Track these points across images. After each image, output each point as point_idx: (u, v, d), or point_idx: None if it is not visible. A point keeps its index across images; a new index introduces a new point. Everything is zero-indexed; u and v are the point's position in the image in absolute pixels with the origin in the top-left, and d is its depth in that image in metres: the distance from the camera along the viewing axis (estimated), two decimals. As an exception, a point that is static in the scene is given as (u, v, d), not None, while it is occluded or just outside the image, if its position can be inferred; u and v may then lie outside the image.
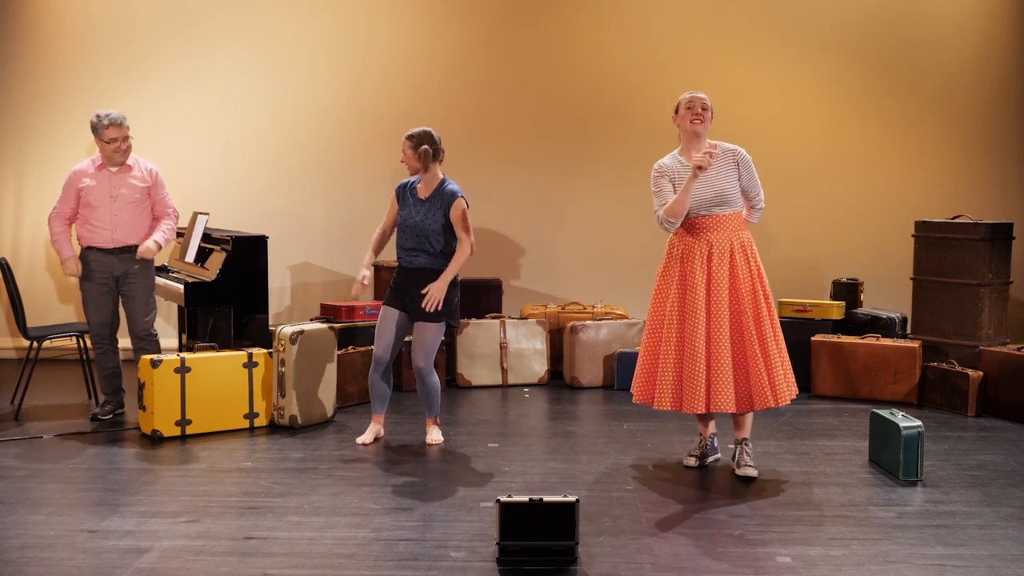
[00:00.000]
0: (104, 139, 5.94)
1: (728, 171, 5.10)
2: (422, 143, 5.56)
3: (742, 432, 5.23)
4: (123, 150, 6.00)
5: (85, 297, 6.12)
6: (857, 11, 8.08)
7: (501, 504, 3.97)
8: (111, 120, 5.92)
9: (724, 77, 7.95)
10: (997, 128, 8.10)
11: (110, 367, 6.20)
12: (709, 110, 5.13)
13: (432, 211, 5.52)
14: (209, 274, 6.80)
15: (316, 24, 8.11)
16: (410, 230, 5.54)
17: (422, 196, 5.57)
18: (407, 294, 5.56)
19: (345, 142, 8.17)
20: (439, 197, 5.54)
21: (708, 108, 5.13)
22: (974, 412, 6.46)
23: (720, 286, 5.01)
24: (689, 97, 5.15)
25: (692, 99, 5.14)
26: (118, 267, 6.07)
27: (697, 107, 5.11)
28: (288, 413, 5.98)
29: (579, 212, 8.18)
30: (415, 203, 5.57)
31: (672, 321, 5.10)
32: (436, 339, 5.55)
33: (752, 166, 5.17)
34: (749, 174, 5.15)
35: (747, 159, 5.15)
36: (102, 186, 6.01)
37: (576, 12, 8.11)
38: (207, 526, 4.39)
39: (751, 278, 5.07)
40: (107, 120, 5.92)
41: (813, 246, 8.07)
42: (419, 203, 5.56)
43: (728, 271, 5.04)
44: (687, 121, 5.11)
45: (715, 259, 5.03)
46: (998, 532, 4.37)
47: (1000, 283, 6.96)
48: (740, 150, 5.15)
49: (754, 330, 5.01)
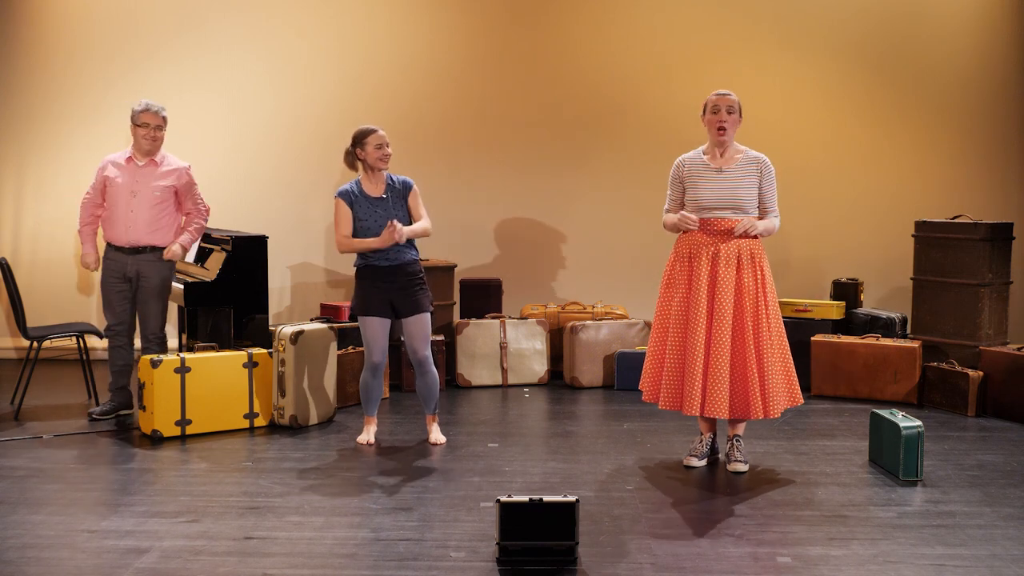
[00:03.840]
0: (138, 123, 6.00)
1: (749, 178, 5.09)
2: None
3: (735, 429, 5.28)
4: (152, 138, 6.01)
5: (102, 294, 6.17)
6: (857, 11, 8.07)
7: (501, 504, 3.97)
8: (147, 106, 6.02)
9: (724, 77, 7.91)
10: (997, 128, 8.10)
11: (120, 363, 6.18)
12: (736, 112, 5.10)
13: (393, 205, 5.52)
14: (209, 274, 6.80)
15: (316, 24, 8.10)
16: (373, 230, 5.47)
17: (375, 194, 5.54)
18: (391, 293, 5.51)
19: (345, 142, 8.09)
20: (394, 190, 5.55)
21: (735, 111, 5.10)
22: (974, 412, 6.46)
23: (724, 291, 5.01)
24: (715, 100, 5.12)
25: (717, 103, 5.10)
26: (131, 267, 6.07)
27: (723, 112, 5.08)
28: (288, 413, 5.98)
29: (579, 212, 8.18)
30: (371, 203, 5.52)
31: (677, 321, 5.11)
32: (430, 326, 5.58)
33: (774, 179, 5.16)
34: (769, 185, 5.14)
35: (770, 170, 5.15)
36: (125, 180, 6.03)
37: (576, 13, 8.11)
38: (207, 526, 4.39)
39: (755, 286, 5.05)
40: (144, 105, 6.02)
41: (813, 246, 8.07)
42: (376, 201, 5.52)
43: (734, 277, 5.04)
44: (713, 128, 5.11)
45: (721, 262, 5.03)
46: (998, 532, 4.37)
47: (1000, 283, 6.96)
48: (765, 160, 5.14)
49: (752, 339, 5.01)
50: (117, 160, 6.11)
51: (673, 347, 5.12)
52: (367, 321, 5.53)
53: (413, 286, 5.53)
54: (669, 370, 5.12)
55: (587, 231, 8.18)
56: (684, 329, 5.09)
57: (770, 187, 5.16)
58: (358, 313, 5.55)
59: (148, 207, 6.04)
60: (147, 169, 6.06)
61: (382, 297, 5.52)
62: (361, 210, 5.51)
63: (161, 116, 6.03)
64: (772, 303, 5.11)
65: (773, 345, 5.07)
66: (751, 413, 5.03)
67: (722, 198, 5.06)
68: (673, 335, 5.12)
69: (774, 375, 5.06)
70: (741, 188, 5.06)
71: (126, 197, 6.03)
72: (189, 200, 6.15)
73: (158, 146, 6.07)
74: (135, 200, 6.02)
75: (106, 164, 6.12)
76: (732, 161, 5.12)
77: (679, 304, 5.11)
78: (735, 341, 5.03)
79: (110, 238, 6.08)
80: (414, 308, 5.52)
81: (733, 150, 5.15)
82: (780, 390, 5.09)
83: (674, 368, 5.11)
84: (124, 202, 6.03)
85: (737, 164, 5.10)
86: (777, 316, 5.14)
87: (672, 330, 5.13)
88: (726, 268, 5.02)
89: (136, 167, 6.05)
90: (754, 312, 5.04)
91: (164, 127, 6.07)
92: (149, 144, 6.02)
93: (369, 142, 5.54)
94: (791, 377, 5.17)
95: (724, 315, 5.00)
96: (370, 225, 5.48)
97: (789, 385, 5.16)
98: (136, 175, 6.04)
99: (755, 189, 5.10)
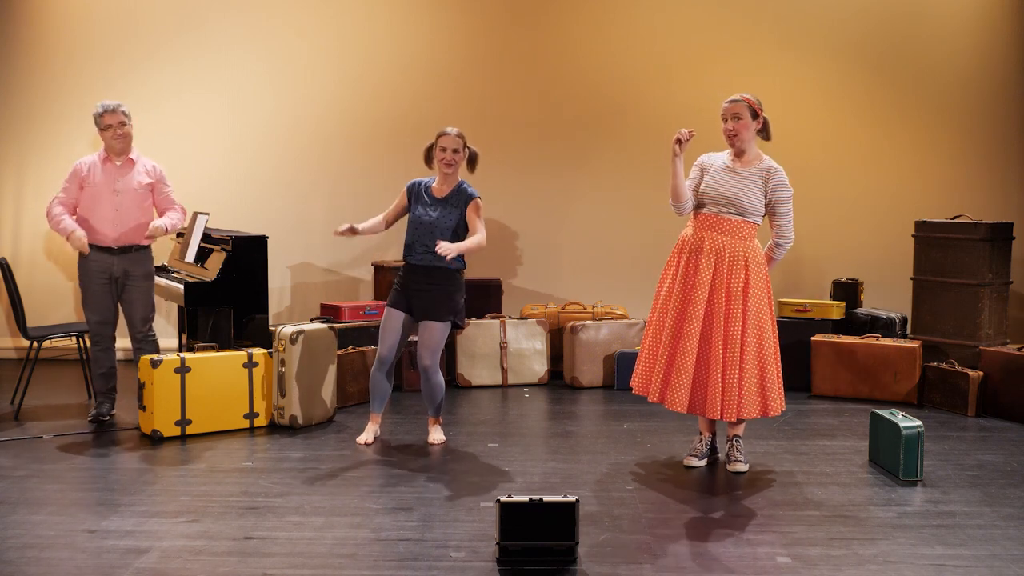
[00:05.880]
0: (101, 127, 5.97)
1: (753, 184, 5.07)
2: (467, 144, 5.61)
3: (735, 429, 5.28)
4: (120, 135, 5.98)
5: (84, 295, 6.10)
6: (857, 11, 8.07)
7: (501, 504, 3.97)
8: (105, 107, 5.97)
9: (724, 77, 7.93)
10: (997, 128, 8.10)
11: (107, 366, 6.17)
12: (745, 117, 5.06)
13: (449, 210, 5.53)
14: (209, 274, 6.80)
15: (316, 24, 8.10)
16: (423, 227, 5.52)
17: (438, 195, 5.57)
18: (413, 293, 5.56)
19: (345, 142, 8.17)
20: (458, 196, 5.55)
21: (743, 116, 5.06)
22: (974, 412, 6.46)
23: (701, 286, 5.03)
24: (723, 110, 5.12)
25: (724, 112, 5.11)
26: (117, 267, 6.04)
27: (729, 121, 5.08)
28: (288, 413, 5.98)
29: (579, 212, 8.18)
30: (431, 202, 5.56)
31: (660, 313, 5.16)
32: (442, 338, 5.55)
33: (785, 190, 5.10)
34: (778, 195, 5.09)
35: (780, 180, 5.09)
36: (106, 179, 6.00)
37: (576, 13, 8.11)
38: (207, 526, 4.39)
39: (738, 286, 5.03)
40: (101, 108, 5.98)
41: (813, 246, 8.07)
42: (435, 202, 5.56)
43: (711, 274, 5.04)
44: (725, 138, 5.13)
45: (727, 262, 5.04)
46: (998, 532, 4.37)
47: (1000, 283, 6.96)
48: (777, 169, 5.11)
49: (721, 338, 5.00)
50: (92, 162, 6.04)
51: (653, 336, 5.20)
52: (385, 312, 5.61)
53: (437, 292, 5.52)
54: (645, 357, 5.21)
55: (587, 231, 8.18)
56: (662, 319, 5.16)
57: (781, 200, 5.10)
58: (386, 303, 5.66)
59: (134, 204, 6.02)
60: (126, 167, 6.04)
61: (405, 293, 5.57)
62: (418, 204, 5.58)
63: (121, 111, 5.98)
64: (755, 308, 5.02)
65: (748, 349, 5.01)
66: (707, 411, 5.05)
67: (721, 195, 5.07)
68: (654, 325, 5.20)
69: (743, 379, 5.00)
70: (742, 190, 5.06)
71: (109, 196, 5.99)
72: (163, 199, 6.10)
73: (128, 142, 6.04)
74: (120, 198, 5.99)
75: (80, 166, 6.03)
76: (747, 165, 5.12)
77: (664, 295, 5.19)
78: (703, 337, 5.04)
79: (93, 240, 6.01)
80: (427, 314, 5.52)
81: (752, 155, 5.14)
82: (748, 396, 5.02)
83: (649, 356, 5.19)
84: (108, 201, 5.99)
85: (750, 169, 5.10)
86: (761, 322, 5.05)
87: (654, 320, 5.20)
88: (707, 263, 5.04)
89: (115, 166, 6.03)
90: (726, 311, 5.01)
91: (128, 122, 6.01)
92: (119, 142, 5.99)
93: (438, 142, 5.58)
94: (768, 387, 5.06)
95: (696, 309, 5.02)
96: (423, 221, 5.52)
97: (763, 394, 5.06)
98: (115, 173, 6.01)
99: (760, 196, 5.08)
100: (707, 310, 5.04)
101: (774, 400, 5.10)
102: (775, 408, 5.11)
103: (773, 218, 5.16)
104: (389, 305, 5.62)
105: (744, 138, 5.09)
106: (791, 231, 5.17)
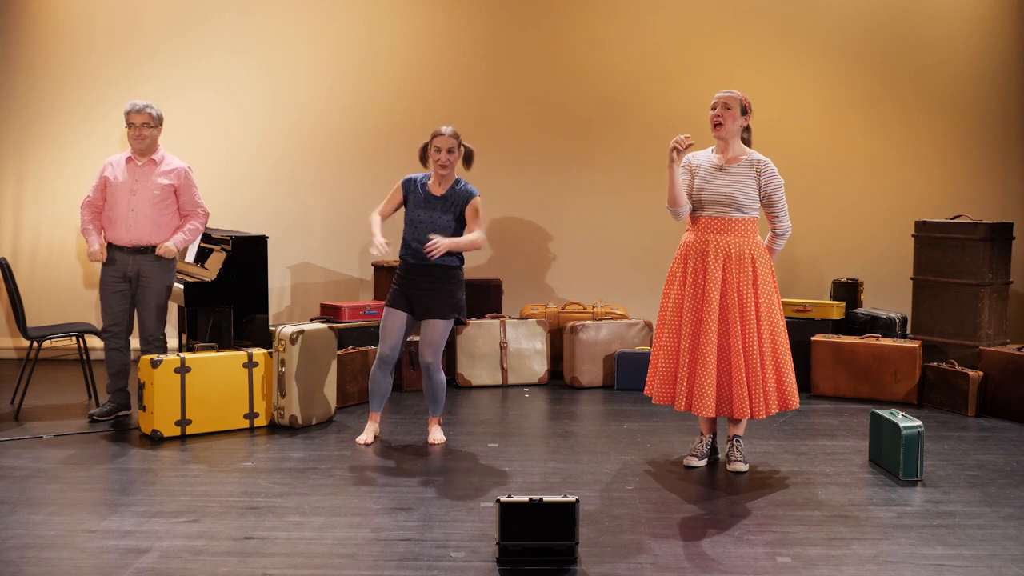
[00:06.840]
0: (126, 124, 6.03)
1: (746, 179, 5.10)
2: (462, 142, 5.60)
3: (735, 429, 5.28)
4: (139, 137, 6.00)
5: (101, 292, 6.15)
6: (857, 10, 8.07)
7: (501, 504, 3.97)
8: (132, 106, 6.03)
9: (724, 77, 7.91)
10: (997, 128, 8.10)
11: (118, 365, 6.18)
12: (735, 108, 5.10)
13: (446, 208, 5.52)
14: (209, 274, 6.80)
15: (316, 24, 8.10)
16: (421, 226, 5.51)
17: (436, 193, 5.56)
18: (412, 292, 5.55)
19: (345, 142, 8.17)
20: (455, 194, 5.54)
21: (732, 107, 5.10)
22: (974, 412, 6.46)
23: (712, 288, 5.04)
24: (715, 97, 5.16)
25: (716, 99, 5.16)
26: (132, 267, 6.06)
27: (719, 108, 5.12)
28: (288, 413, 5.98)
29: (579, 212, 8.18)
30: (427, 199, 5.55)
31: (672, 318, 5.15)
32: (444, 335, 5.55)
33: (777, 183, 5.14)
34: (771, 187, 5.13)
35: (771, 172, 5.13)
36: (124, 179, 6.03)
37: (576, 13, 8.11)
38: (207, 526, 4.39)
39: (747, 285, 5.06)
40: (129, 106, 6.04)
41: (813, 246, 8.07)
42: (432, 200, 5.55)
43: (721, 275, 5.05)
44: (711, 125, 5.15)
45: (711, 260, 5.05)
46: (998, 532, 4.37)
47: (1000, 283, 6.96)
48: (764, 162, 5.14)
49: (740, 337, 5.02)
50: (118, 161, 6.12)
51: (668, 344, 5.17)
52: (385, 311, 5.59)
53: (438, 291, 5.52)
54: (663, 366, 5.17)
55: (587, 231, 8.18)
56: (677, 326, 5.15)
57: (775, 191, 5.15)
58: (385, 303, 5.64)
59: (149, 206, 6.04)
60: (147, 168, 6.07)
61: (405, 293, 5.56)
62: (416, 202, 5.55)
63: (147, 114, 6.00)
64: (766, 304, 5.09)
65: (764, 345, 5.06)
66: (735, 412, 5.05)
67: (718, 196, 5.08)
68: (668, 333, 5.17)
69: (765, 376, 5.06)
70: (737, 188, 5.08)
71: (126, 196, 6.03)
72: (187, 201, 6.13)
73: (148, 144, 6.05)
74: (135, 199, 6.02)
75: (106, 164, 6.13)
76: (735, 162, 5.14)
77: (674, 301, 5.17)
78: (721, 339, 5.05)
79: (111, 238, 6.08)
80: (429, 312, 5.52)
81: (738, 150, 5.16)
82: (770, 392, 5.09)
83: (667, 365, 5.17)
84: (125, 201, 6.03)
85: (739, 164, 5.12)
86: (773, 317, 5.12)
87: (667, 327, 5.17)
88: (715, 266, 5.05)
89: (136, 167, 6.06)
90: (740, 310, 5.04)
91: (153, 124, 6.02)
92: (138, 143, 6.02)
93: (433, 142, 5.58)
94: (785, 380, 5.15)
95: (711, 313, 5.03)
96: (421, 219, 5.51)
97: (781, 388, 5.14)
98: (135, 174, 6.05)
99: (754, 190, 5.11)
100: (721, 312, 5.05)
101: (792, 393, 5.17)
102: (794, 401, 5.17)
103: (769, 210, 5.20)
104: (388, 305, 5.60)
105: (728, 129, 5.12)
106: (788, 220, 5.24)
